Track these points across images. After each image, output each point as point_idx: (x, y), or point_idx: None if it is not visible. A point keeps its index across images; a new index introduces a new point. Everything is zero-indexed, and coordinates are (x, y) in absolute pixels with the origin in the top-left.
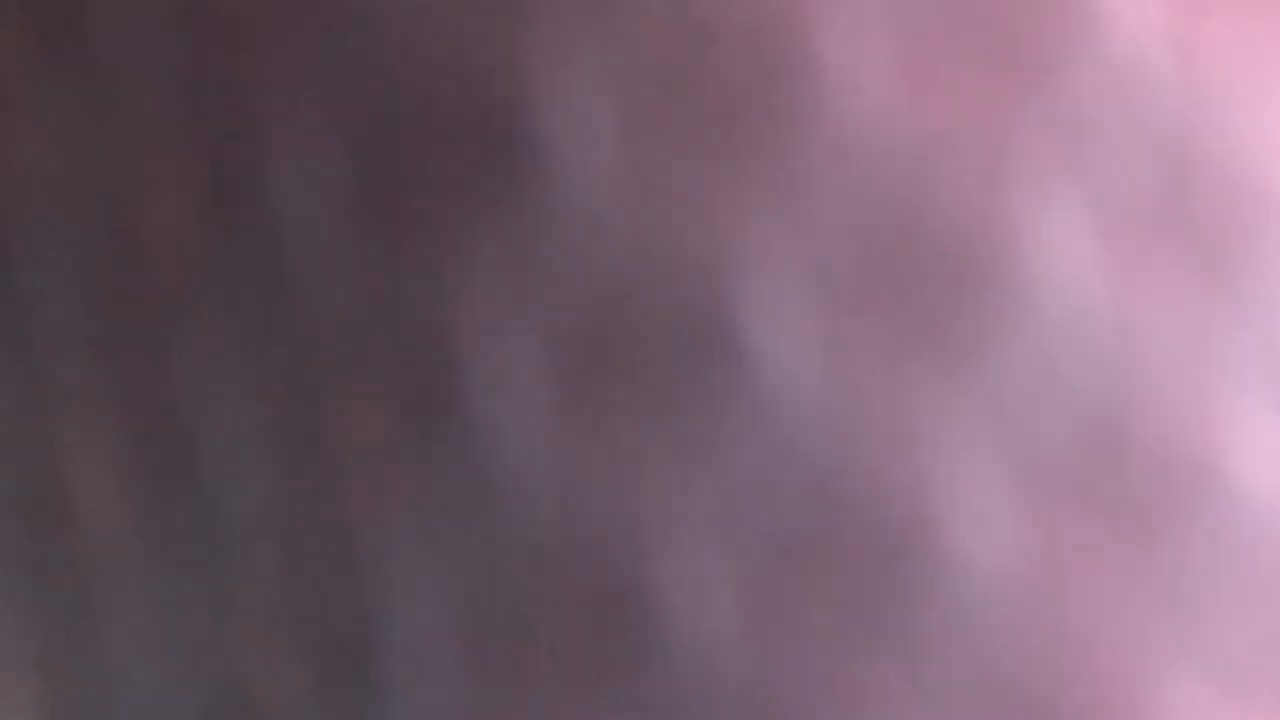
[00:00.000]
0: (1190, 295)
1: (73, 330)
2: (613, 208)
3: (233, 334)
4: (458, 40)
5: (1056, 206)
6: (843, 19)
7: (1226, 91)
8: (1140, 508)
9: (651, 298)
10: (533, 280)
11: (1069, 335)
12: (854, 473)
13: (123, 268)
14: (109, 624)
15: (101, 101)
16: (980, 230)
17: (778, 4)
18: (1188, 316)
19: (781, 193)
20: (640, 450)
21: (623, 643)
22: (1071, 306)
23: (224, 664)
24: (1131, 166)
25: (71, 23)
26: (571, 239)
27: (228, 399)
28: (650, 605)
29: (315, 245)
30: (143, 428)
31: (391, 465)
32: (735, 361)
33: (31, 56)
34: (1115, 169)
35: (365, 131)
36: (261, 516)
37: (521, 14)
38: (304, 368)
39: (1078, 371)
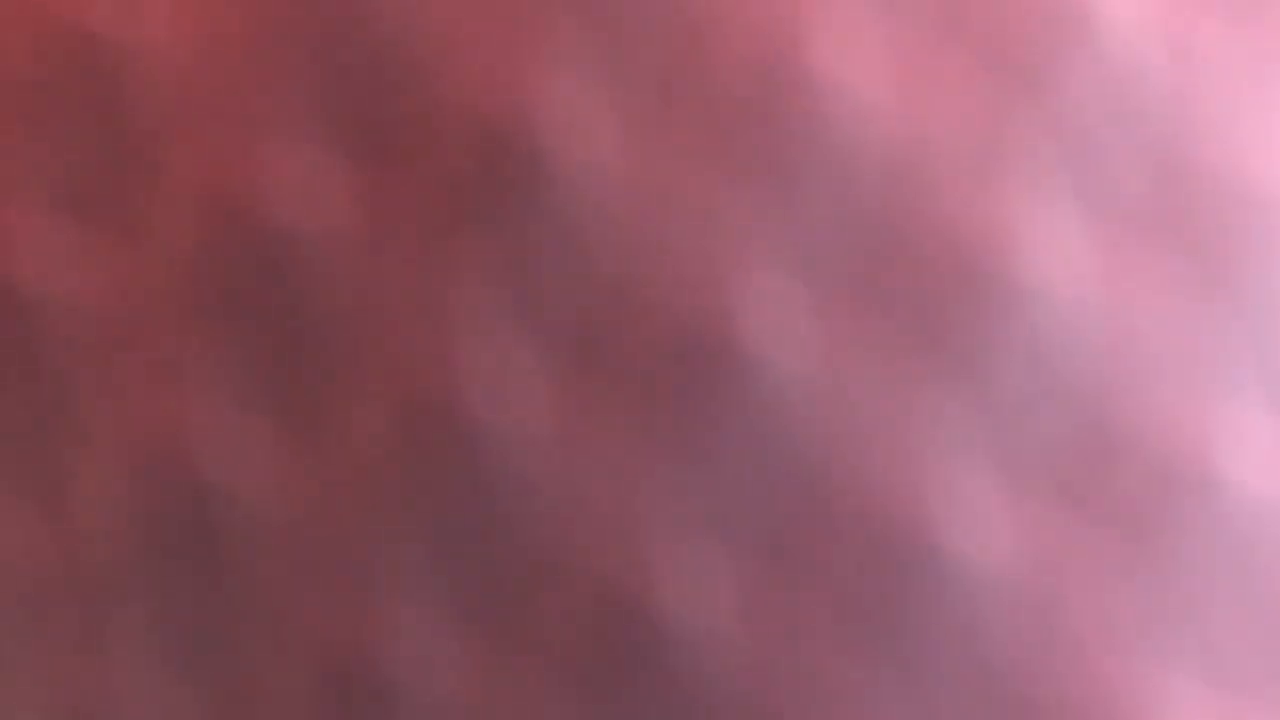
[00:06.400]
0: (1184, 296)
1: None
2: (610, 210)
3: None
4: (457, 48)
5: (1051, 209)
6: (836, 24)
7: (1221, 93)
8: (1134, 508)
9: (650, 300)
10: (533, 284)
11: (1063, 336)
12: (851, 473)
13: None
14: (115, 630)
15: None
16: (975, 232)
17: (772, 11)
18: (1181, 317)
19: (777, 196)
20: (640, 451)
21: (622, 643)
22: (1066, 308)
23: (227, 668)
24: (1125, 168)
25: None
26: (570, 241)
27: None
28: (649, 605)
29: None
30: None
31: (391, 465)
32: (733, 362)
33: None
34: (1109, 171)
35: (366, 137)
36: (262, 519)
37: (520, 24)
38: (310, 359)
39: (1072, 372)
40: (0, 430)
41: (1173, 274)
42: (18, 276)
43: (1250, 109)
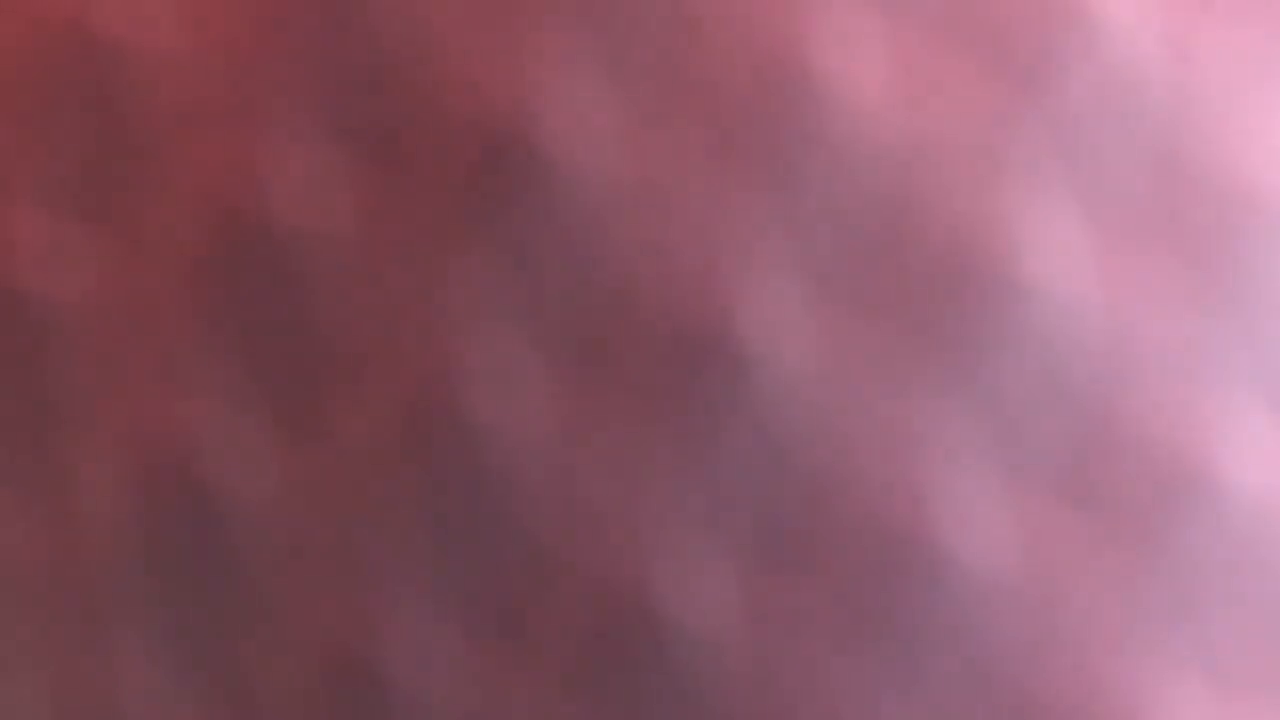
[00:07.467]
0: (1183, 296)
1: None
2: (612, 210)
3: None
4: (459, 49)
5: (1051, 209)
6: (837, 24)
7: (1220, 94)
8: (1133, 507)
9: (651, 300)
10: (533, 283)
11: (1063, 336)
12: (851, 473)
13: None
14: (116, 629)
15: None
16: (975, 232)
17: (773, 10)
18: (1181, 317)
19: (778, 196)
20: (640, 451)
21: (623, 642)
22: (1065, 308)
23: (227, 668)
24: (1125, 168)
25: None
26: (571, 241)
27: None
28: (649, 606)
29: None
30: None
31: (392, 465)
32: (733, 362)
33: None
34: (1109, 171)
35: (368, 138)
36: (262, 519)
37: (521, 24)
38: (311, 360)
39: (1071, 372)
40: (1, 430)
41: (1172, 274)
42: (19, 277)
43: (1250, 109)
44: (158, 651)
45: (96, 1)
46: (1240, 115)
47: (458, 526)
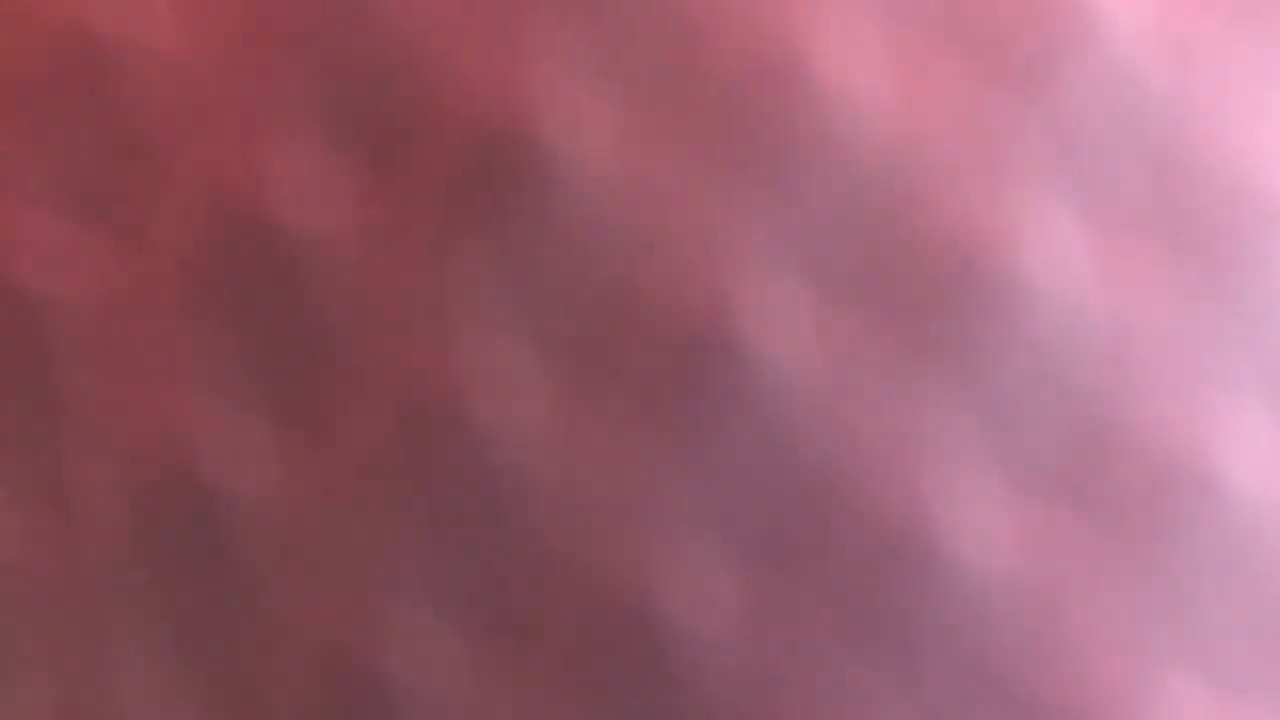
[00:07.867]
0: (1182, 297)
1: None
2: (611, 210)
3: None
4: (459, 50)
5: (1050, 207)
6: (835, 22)
7: (1220, 92)
8: (1133, 507)
9: (650, 299)
10: (534, 284)
11: (1062, 336)
12: (851, 473)
13: None
14: (116, 630)
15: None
16: (975, 231)
17: (773, 13)
18: (1180, 318)
19: (778, 197)
20: (640, 450)
21: (624, 643)
22: (1065, 307)
23: (227, 668)
24: (1124, 167)
25: None
26: (571, 242)
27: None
28: (649, 605)
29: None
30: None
31: (392, 465)
32: (733, 362)
33: None
34: (1108, 171)
35: (367, 138)
36: (263, 519)
37: (520, 24)
38: (311, 360)
39: (1071, 372)
40: (2, 430)
41: (1171, 275)
42: (19, 276)
43: (1249, 109)
44: (158, 652)
45: (96, 1)
46: (1240, 115)
47: (457, 526)
